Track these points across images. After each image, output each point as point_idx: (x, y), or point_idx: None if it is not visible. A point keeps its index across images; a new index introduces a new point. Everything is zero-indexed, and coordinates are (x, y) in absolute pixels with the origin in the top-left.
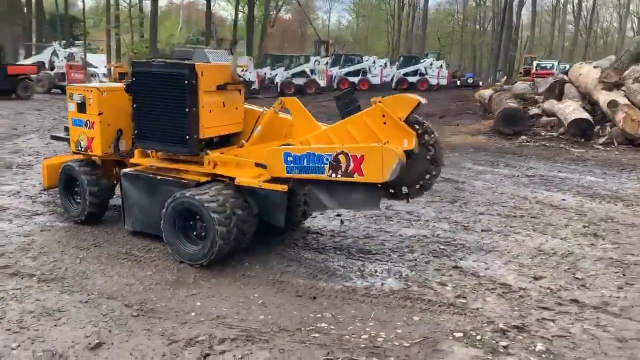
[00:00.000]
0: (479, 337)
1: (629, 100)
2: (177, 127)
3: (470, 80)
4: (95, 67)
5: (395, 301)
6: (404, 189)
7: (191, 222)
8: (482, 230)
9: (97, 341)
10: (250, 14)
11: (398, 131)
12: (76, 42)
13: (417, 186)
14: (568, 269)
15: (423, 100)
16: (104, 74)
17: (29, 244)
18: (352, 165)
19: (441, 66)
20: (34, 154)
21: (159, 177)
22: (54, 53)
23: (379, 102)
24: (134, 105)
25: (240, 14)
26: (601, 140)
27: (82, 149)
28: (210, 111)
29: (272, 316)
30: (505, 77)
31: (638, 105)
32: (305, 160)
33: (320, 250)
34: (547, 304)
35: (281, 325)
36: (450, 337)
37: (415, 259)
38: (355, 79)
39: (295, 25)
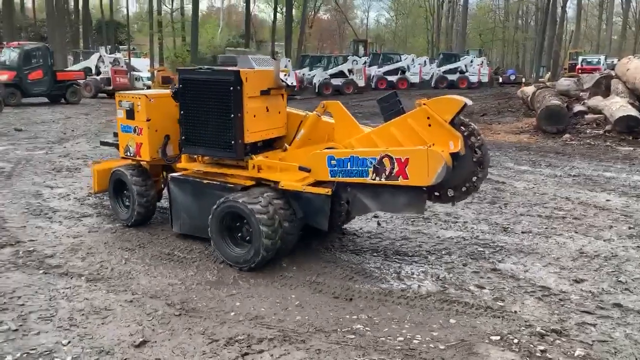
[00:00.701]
0: (516, 341)
1: None
2: (222, 132)
3: (512, 77)
4: (140, 71)
5: (432, 304)
6: (450, 192)
7: (238, 224)
8: (522, 232)
9: (141, 339)
10: (289, 15)
11: (443, 133)
12: (121, 47)
13: (463, 189)
14: (611, 271)
15: (469, 102)
16: (148, 78)
17: (77, 245)
18: (396, 169)
19: (482, 63)
20: (82, 157)
21: (205, 181)
22: (100, 59)
23: (424, 104)
24: (181, 112)
25: (279, 15)
26: None
27: (131, 154)
28: (255, 116)
29: (308, 317)
30: (549, 73)
31: None
32: (349, 163)
33: (357, 252)
34: (588, 308)
35: (317, 326)
36: (487, 341)
37: (453, 261)
38: (394, 78)
39: (333, 25)
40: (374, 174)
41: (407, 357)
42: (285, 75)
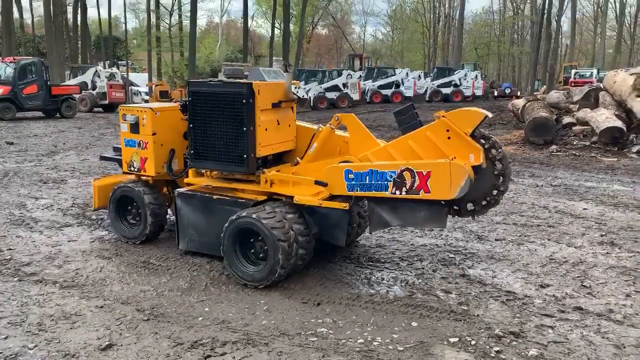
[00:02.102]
0: (473, 342)
1: None
2: (234, 146)
3: (507, 91)
4: (138, 86)
5: (397, 308)
6: (470, 206)
7: (251, 241)
8: (495, 240)
9: (107, 343)
10: (286, 31)
11: (464, 146)
12: (119, 62)
13: (484, 202)
14: (577, 277)
15: (489, 114)
16: (146, 93)
17: (55, 253)
18: (417, 182)
19: (476, 77)
20: (69, 169)
21: (215, 197)
22: (96, 73)
23: (443, 116)
24: (190, 125)
25: (277, 31)
26: (635, 148)
27: (135, 169)
28: (266, 129)
29: (274, 321)
30: (545, 86)
31: None
32: (367, 177)
33: (330, 258)
34: (549, 311)
35: (282, 330)
36: (445, 342)
37: (423, 268)
38: (388, 92)
39: (331, 40)
40: (394, 188)
41: (365, 358)
42: (296, 88)
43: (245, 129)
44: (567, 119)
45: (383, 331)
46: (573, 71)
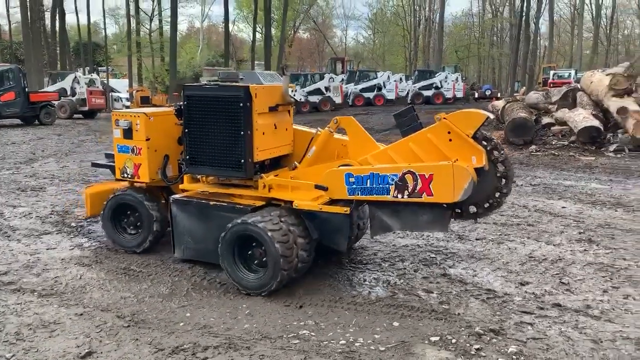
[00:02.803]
0: (454, 341)
1: (639, 106)
2: (231, 151)
3: (488, 92)
4: (118, 92)
5: (379, 308)
6: (472, 208)
7: (250, 248)
8: (476, 239)
9: (87, 351)
10: (268, 35)
11: (465, 148)
12: (99, 68)
13: (486, 205)
14: (556, 274)
15: (491, 116)
16: (127, 99)
17: (34, 262)
18: (420, 185)
19: (457, 79)
20: (48, 177)
21: (211, 203)
22: (75, 79)
23: (444, 118)
24: (185, 130)
25: (258, 35)
26: (612, 147)
27: (129, 176)
28: (264, 133)
29: (256, 324)
30: (525, 87)
31: None
32: (368, 181)
33: (313, 261)
34: (528, 309)
35: (264, 333)
36: (426, 342)
37: (405, 268)
38: (371, 95)
39: (313, 43)
40: (396, 192)
41: (347, 359)
42: (292, 91)
43: (242, 133)
44: (546, 119)
45: (365, 332)
46: (551, 72)
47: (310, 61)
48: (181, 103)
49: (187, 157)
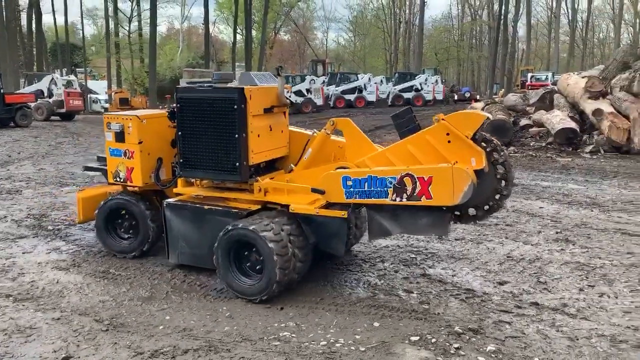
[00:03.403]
0: (433, 340)
1: (614, 108)
2: (225, 154)
3: (467, 95)
4: (97, 94)
5: (360, 309)
6: (471, 211)
7: (245, 253)
8: (455, 239)
9: (64, 355)
10: (248, 36)
11: (465, 150)
12: (77, 69)
13: (486, 207)
14: (533, 273)
15: (490, 116)
16: (106, 100)
17: (9, 266)
18: (419, 188)
19: (436, 81)
20: (24, 180)
21: (206, 207)
22: (52, 81)
23: (442, 119)
24: (179, 133)
25: (239, 37)
26: (588, 148)
27: (121, 180)
28: (259, 136)
29: (237, 327)
30: (503, 90)
31: (623, 113)
32: (366, 184)
33: None
34: (506, 308)
35: (245, 335)
36: (406, 341)
37: (385, 268)
38: (352, 97)
39: (294, 45)
40: (394, 195)
41: None
42: (288, 92)
43: (237, 135)
44: (524, 121)
45: (345, 332)
46: (529, 75)
47: (292, 63)
48: (174, 105)
49: (181, 160)
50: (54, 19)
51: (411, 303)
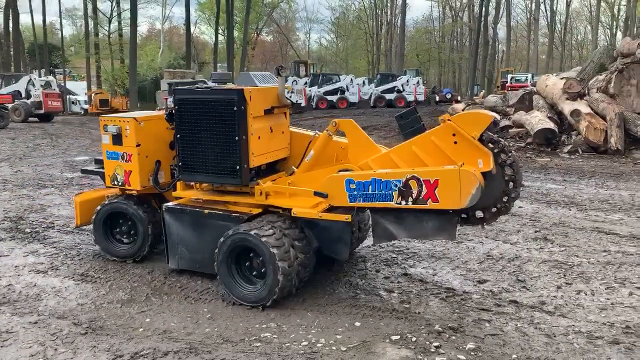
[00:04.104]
0: (413, 339)
1: (591, 109)
2: (225, 156)
3: (448, 96)
4: (76, 95)
5: (341, 309)
6: (479, 214)
7: (246, 258)
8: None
9: (41, 359)
10: (230, 37)
11: (472, 151)
12: (56, 70)
13: (494, 210)
14: (512, 272)
15: (498, 117)
16: (85, 101)
17: None
18: (425, 191)
19: (418, 83)
20: (1, 182)
21: (206, 211)
22: (30, 82)
23: (449, 119)
24: (177, 135)
25: (220, 37)
26: (566, 149)
27: (119, 184)
28: (259, 138)
29: (218, 328)
30: (484, 91)
31: (601, 114)
32: (370, 186)
33: None
34: (486, 306)
35: (226, 337)
36: (387, 340)
37: (367, 268)
38: (334, 98)
39: (276, 46)
40: (400, 198)
41: None
42: (289, 92)
43: (237, 138)
44: (504, 122)
45: (327, 332)
46: (509, 76)
47: (274, 64)
48: (172, 107)
49: (180, 163)
50: (32, 18)
51: (392, 302)
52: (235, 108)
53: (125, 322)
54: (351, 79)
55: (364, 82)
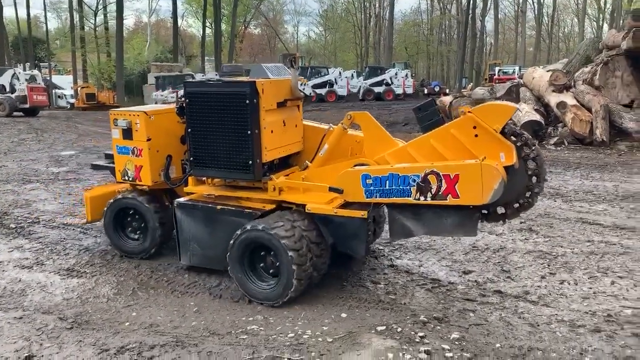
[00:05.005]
0: (399, 330)
1: (577, 101)
2: (238, 151)
3: (437, 89)
4: (62, 89)
5: (328, 300)
6: (500, 209)
7: (260, 255)
8: None
9: (26, 355)
10: (218, 30)
11: (493, 144)
12: (41, 63)
13: (516, 205)
14: (497, 262)
15: (520, 107)
16: (71, 95)
17: None
18: (444, 187)
19: (406, 76)
20: None
21: (218, 207)
22: (15, 76)
23: (469, 111)
24: (188, 130)
25: (208, 30)
26: (553, 140)
27: (130, 179)
28: (272, 131)
29: (205, 322)
30: (472, 83)
31: (586, 106)
32: (387, 182)
33: None
34: (471, 296)
35: (212, 330)
36: (373, 331)
37: (353, 260)
38: (323, 91)
39: (264, 39)
40: (418, 193)
41: (295, 352)
42: (302, 84)
43: (249, 132)
44: None
45: (313, 324)
46: (497, 68)
47: (262, 57)
48: (182, 100)
49: (192, 158)
50: (16, 11)
51: (378, 294)
52: (247, 101)
53: (111, 316)
54: (340, 72)
55: (352, 75)
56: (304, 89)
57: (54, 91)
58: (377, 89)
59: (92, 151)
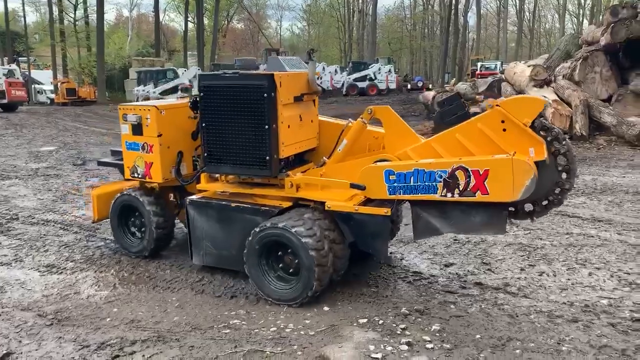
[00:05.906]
0: (381, 322)
1: (557, 96)
2: (254, 146)
3: (420, 84)
4: (42, 84)
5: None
6: (528, 207)
7: (278, 254)
8: (404, 225)
9: (5, 352)
10: (200, 24)
11: (522, 139)
12: (20, 58)
13: (545, 202)
14: (478, 255)
15: (550, 100)
16: (51, 90)
17: None
18: (473, 182)
19: (390, 71)
20: None
21: (233, 205)
22: None
23: (497, 105)
24: (202, 124)
25: (190, 25)
26: None
27: (139, 176)
28: (289, 126)
29: (187, 317)
30: (455, 79)
31: (566, 100)
32: (412, 178)
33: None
34: (452, 288)
35: (194, 324)
36: (354, 324)
37: None
38: None
39: (247, 34)
40: (445, 190)
41: (277, 345)
42: (319, 78)
43: (266, 126)
44: (473, 109)
45: (296, 318)
46: (479, 64)
47: (246, 52)
48: (196, 94)
49: (205, 154)
50: None
51: (360, 287)
52: (265, 94)
53: (92, 312)
54: (323, 67)
55: (336, 70)
56: (321, 82)
57: (33, 86)
58: (360, 84)
59: (72, 147)
